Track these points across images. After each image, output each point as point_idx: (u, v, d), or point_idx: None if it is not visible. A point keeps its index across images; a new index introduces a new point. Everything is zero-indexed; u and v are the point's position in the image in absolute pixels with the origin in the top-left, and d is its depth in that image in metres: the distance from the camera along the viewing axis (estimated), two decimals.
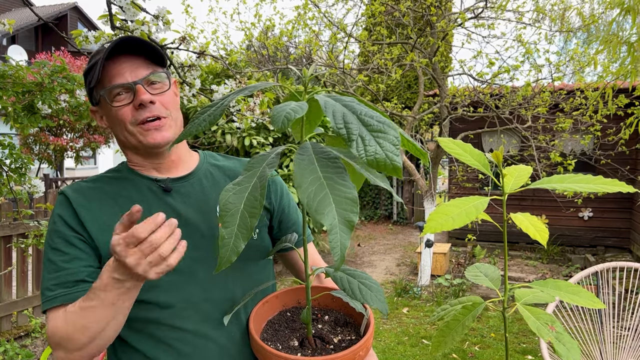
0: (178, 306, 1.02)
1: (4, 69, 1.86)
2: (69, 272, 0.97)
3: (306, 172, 0.74)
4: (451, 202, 0.79)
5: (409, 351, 4.13)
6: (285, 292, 1.14)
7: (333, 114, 0.72)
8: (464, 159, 0.91)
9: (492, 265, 1.01)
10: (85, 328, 0.90)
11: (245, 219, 0.77)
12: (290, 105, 0.74)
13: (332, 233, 0.68)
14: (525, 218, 0.79)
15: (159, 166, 1.11)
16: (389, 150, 0.69)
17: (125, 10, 2.12)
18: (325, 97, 0.77)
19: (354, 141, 0.69)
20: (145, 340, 1.02)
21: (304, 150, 0.80)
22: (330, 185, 0.72)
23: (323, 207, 0.70)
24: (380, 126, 0.71)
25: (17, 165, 2.18)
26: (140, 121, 1.03)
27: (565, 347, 0.77)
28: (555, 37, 8.11)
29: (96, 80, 1.01)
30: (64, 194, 1.05)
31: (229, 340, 1.05)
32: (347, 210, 0.70)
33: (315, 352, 0.97)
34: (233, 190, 0.80)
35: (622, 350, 2.87)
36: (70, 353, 0.93)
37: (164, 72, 1.06)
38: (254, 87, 0.81)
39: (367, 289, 0.93)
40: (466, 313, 0.89)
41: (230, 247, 0.77)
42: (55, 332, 0.93)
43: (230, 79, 5.65)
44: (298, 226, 1.24)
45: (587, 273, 2.88)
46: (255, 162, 0.84)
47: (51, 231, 1.03)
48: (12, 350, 3.57)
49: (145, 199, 1.06)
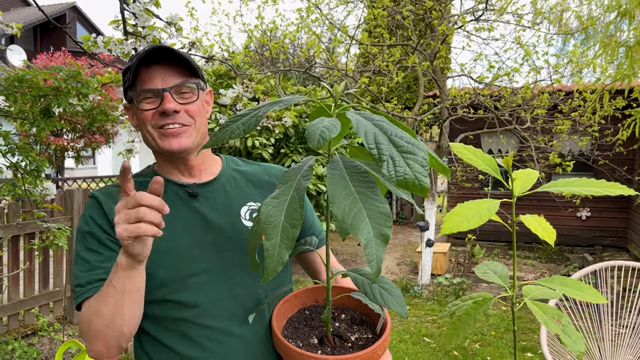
0: (205, 305, 1.07)
1: (22, 74, 1.92)
2: (103, 271, 1.03)
3: (339, 187, 0.77)
4: (466, 204, 0.85)
5: (411, 349, 4.19)
6: (304, 291, 1.18)
7: (365, 134, 0.74)
8: (475, 163, 0.97)
9: (500, 263, 1.07)
10: (100, 312, 0.96)
11: (287, 230, 0.81)
12: (323, 122, 0.76)
13: (368, 247, 0.72)
14: (534, 219, 0.86)
15: (184, 170, 1.15)
16: (417, 171, 0.71)
17: (138, 16, 2.17)
18: (356, 115, 0.79)
19: (385, 162, 0.72)
20: (173, 337, 1.07)
21: (334, 164, 0.83)
22: (364, 200, 0.75)
23: (358, 221, 0.73)
24: (410, 147, 0.73)
25: (32, 168, 2.23)
26: (160, 125, 1.08)
27: (571, 339, 0.83)
28: (553, 40, 8.18)
29: (130, 82, 1.07)
30: (95, 197, 1.11)
31: (253, 337, 1.10)
32: (381, 225, 0.73)
33: (335, 350, 1.01)
34: (272, 203, 0.83)
35: (620, 348, 2.93)
36: (94, 343, 0.98)
37: (194, 83, 1.10)
38: (289, 100, 0.85)
39: (388, 294, 0.97)
40: (477, 308, 0.95)
41: (275, 257, 0.80)
42: (81, 321, 1.01)
43: (232, 80, 5.67)
44: (315, 228, 1.30)
45: (585, 272, 2.94)
46: (290, 175, 0.87)
47: (84, 232, 1.09)
48: (19, 349, 3.62)
49: (173, 204, 1.10)
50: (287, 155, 5.72)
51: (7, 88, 1.88)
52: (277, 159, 5.78)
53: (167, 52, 1.07)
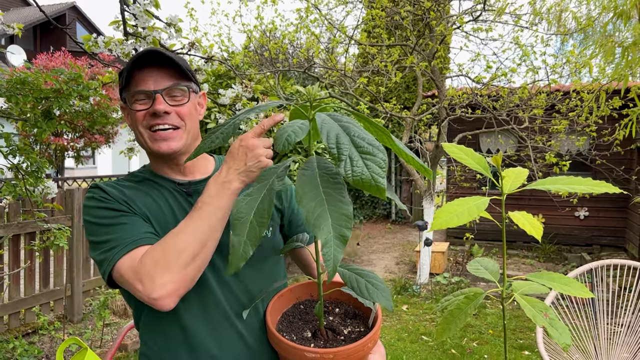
0: (201, 299, 1.10)
1: (24, 76, 1.94)
2: (146, 230, 1.06)
3: (308, 188, 0.80)
4: (455, 201, 0.88)
5: (409, 347, 4.22)
6: (299, 286, 1.22)
7: (327, 134, 0.77)
8: (466, 162, 1.00)
9: (491, 260, 1.10)
10: (198, 232, 0.98)
11: (254, 228, 0.83)
12: (293, 126, 0.80)
13: (326, 246, 0.74)
14: (521, 216, 0.89)
15: (176, 170, 1.20)
16: (375, 172, 0.73)
17: (138, 17, 2.20)
18: (324, 116, 0.82)
19: (343, 161, 0.74)
20: (171, 328, 1.11)
21: (309, 165, 0.86)
22: (329, 201, 0.78)
23: (320, 222, 0.75)
24: (370, 149, 0.75)
25: (33, 169, 2.26)
26: (150, 126, 1.12)
27: (558, 331, 0.86)
28: (551, 40, 8.22)
29: (124, 83, 1.12)
30: (98, 186, 1.13)
31: (248, 331, 1.14)
32: (342, 226, 0.75)
33: (327, 343, 1.04)
34: (245, 200, 0.85)
35: (616, 346, 2.96)
36: (161, 275, 0.95)
37: (186, 86, 1.14)
38: (265, 106, 0.89)
39: (374, 288, 1.00)
40: (468, 302, 0.98)
41: (240, 253, 0.83)
42: (145, 260, 0.97)
43: (232, 80, 5.70)
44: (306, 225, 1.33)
45: (581, 270, 2.97)
46: (265, 175, 0.90)
47: (98, 208, 1.08)
48: (20, 347, 3.65)
49: (173, 199, 1.16)
50: (286, 155, 5.75)
51: (9, 90, 1.91)
52: (277, 158, 5.81)
53: (160, 56, 1.10)
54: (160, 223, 1.11)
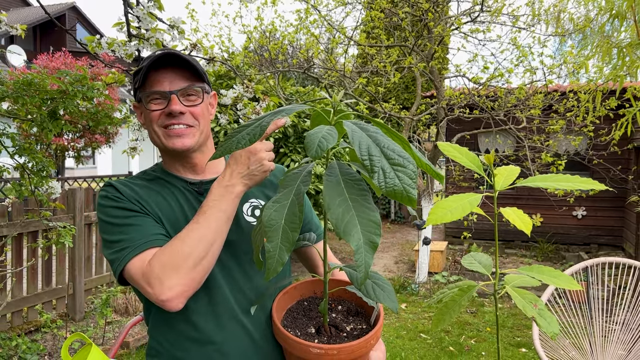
0: (210, 295, 1.14)
1: (30, 78, 1.99)
2: (157, 231, 1.10)
3: (334, 194, 0.82)
4: (449, 197, 0.93)
5: (408, 345, 4.27)
6: (303, 283, 1.24)
7: (359, 146, 0.79)
8: (460, 161, 1.04)
9: (485, 254, 1.15)
10: (203, 236, 1.02)
11: (287, 233, 0.85)
12: (321, 132, 0.81)
13: (357, 253, 0.76)
14: (512, 211, 0.93)
15: (188, 168, 1.23)
16: (406, 183, 0.76)
17: (141, 19, 2.24)
18: (352, 125, 0.84)
19: (376, 173, 0.76)
20: (180, 324, 1.15)
21: (331, 170, 0.88)
22: (356, 207, 0.80)
23: (350, 228, 0.78)
24: (400, 160, 0.77)
25: (38, 168, 2.30)
26: (166, 125, 1.16)
27: (546, 321, 0.91)
28: (549, 41, 8.27)
29: (140, 83, 1.15)
30: (112, 185, 1.17)
31: (255, 326, 1.18)
32: (371, 232, 0.78)
33: (331, 340, 1.07)
34: (273, 207, 0.88)
35: (611, 343, 2.99)
36: (169, 278, 0.99)
37: (200, 87, 1.18)
38: (290, 109, 0.90)
39: (380, 289, 1.03)
40: (462, 294, 1.02)
41: (276, 258, 0.85)
42: (153, 263, 1.01)
43: (232, 80, 5.75)
44: (313, 224, 1.37)
45: (577, 268, 2.99)
46: (289, 180, 0.92)
47: (111, 207, 1.12)
48: (23, 345, 3.69)
49: (183, 198, 1.19)
50: (286, 155, 5.79)
51: (16, 91, 1.96)
52: (277, 158, 5.85)
53: (176, 58, 1.14)
54: (170, 221, 1.14)
